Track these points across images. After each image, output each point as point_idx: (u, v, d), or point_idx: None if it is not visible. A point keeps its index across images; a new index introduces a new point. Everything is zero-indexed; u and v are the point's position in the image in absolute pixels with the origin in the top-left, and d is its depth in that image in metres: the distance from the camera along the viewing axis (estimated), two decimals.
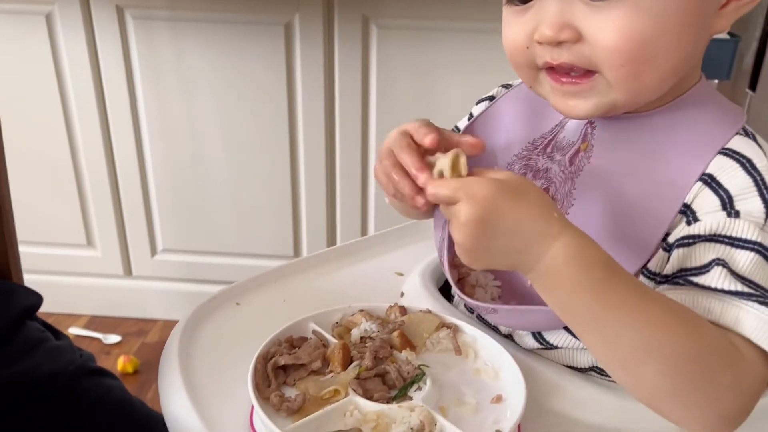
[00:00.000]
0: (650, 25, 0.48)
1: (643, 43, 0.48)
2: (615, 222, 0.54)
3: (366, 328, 0.59)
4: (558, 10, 0.50)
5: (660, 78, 0.51)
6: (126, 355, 1.74)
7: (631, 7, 0.47)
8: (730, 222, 0.48)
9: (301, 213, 1.80)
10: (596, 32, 0.49)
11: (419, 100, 1.63)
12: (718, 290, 0.47)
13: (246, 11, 1.56)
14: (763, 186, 0.50)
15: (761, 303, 0.46)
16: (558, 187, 0.59)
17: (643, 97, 0.53)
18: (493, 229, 0.46)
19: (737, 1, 0.51)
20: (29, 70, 1.64)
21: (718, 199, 0.50)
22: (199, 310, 0.66)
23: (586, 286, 0.45)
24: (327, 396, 0.52)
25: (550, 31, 0.50)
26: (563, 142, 0.61)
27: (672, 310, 0.46)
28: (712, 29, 0.52)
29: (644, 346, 0.45)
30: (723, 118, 0.54)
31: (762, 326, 0.45)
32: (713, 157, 0.51)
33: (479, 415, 0.52)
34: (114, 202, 1.79)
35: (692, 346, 0.44)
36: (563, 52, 0.51)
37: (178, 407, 0.54)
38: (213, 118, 1.68)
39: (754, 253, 0.47)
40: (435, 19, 1.54)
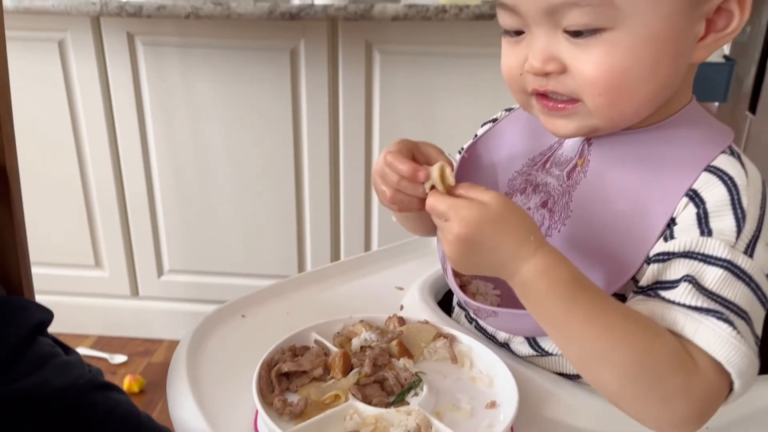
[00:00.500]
0: (626, 61, 0.52)
1: (618, 77, 0.52)
2: (608, 234, 0.57)
3: (366, 338, 0.62)
4: (545, 44, 0.54)
5: (636, 106, 0.55)
6: (132, 374, 1.76)
7: (608, 44, 0.51)
8: (703, 240, 0.52)
9: (305, 234, 1.83)
10: (578, 65, 0.53)
11: (420, 123, 1.67)
12: (683, 305, 0.51)
13: (253, 38, 1.61)
14: (738, 204, 0.52)
15: (719, 319, 0.49)
16: (556, 200, 0.62)
17: (621, 122, 0.57)
18: (476, 247, 0.52)
19: (716, 33, 0.54)
20: (42, 95, 1.69)
21: (695, 213, 0.53)
22: (206, 322, 0.69)
23: (552, 299, 0.51)
24: (328, 401, 0.55)
25: (538, 63, 0.55)
26: (561, 158, 0.64)
27: (632, 321, 0.50)
28: (691, 59, 0.55)
29: (601, 354, 0.50)
30: (711, 137, 0.57)
31: (717, 340, 0.49)
32: (700, 174, 0.55)
33: (474, 420, 0.55)
34: (122, 223, 1.83)
35: (644, 355, 0.49)
36: (549, 81, 0.55)
37: (186, 412, 0.57)
38: (220, 142, 1.72)
39: (723, 270, 0.51)
40: (435, 45, 1.58)
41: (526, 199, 0.65)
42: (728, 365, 0.49)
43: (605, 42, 0.52)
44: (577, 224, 0.60)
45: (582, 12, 0.51)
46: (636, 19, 0.51)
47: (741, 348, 0.49)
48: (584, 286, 0.51)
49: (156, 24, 1.60)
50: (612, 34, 0.51)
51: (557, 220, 0.61)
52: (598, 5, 0.50)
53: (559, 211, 0.61)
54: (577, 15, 0.51)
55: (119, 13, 1.42)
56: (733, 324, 0.49)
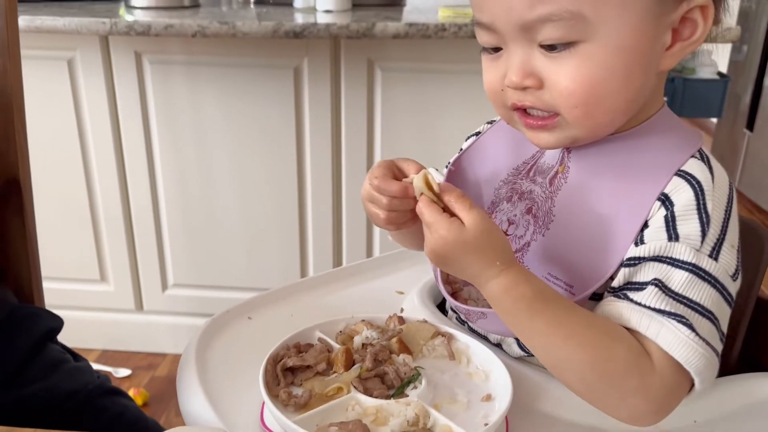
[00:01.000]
0: (599, 72, 0.55)
1: (592, 88, 0.55)
2: (588, 237, 0.60)
3: (367, 336, 0.64)
4: (522, 59, 0.57)
5: (612, 115, 0.58)
6: (136, 388, 1.78)
7: (581, 56, 0.54)
8: (671, 245, 0.55)
9: (308, 249, 1.85)
10: (554, 79, 0.56)
11: (421, 137, 1.70)
12: (648, 307, 0.55)
13: (257, 56, 1.65)
14: (703, 209, 0.56)
15: (680, 322, 0.53)
16: (539, 206, 0.65)
17: (599, 131, 0.60)
18: (447, 261, 0.58)
19: (682, 42, 0.57)
20: (50, 112, 1.73)
21: (663, 218, 0.56)
22: (213, 322, 0.71)
23: (515, 313, 0.56)
24: (331, 393, 0.58)
25: (517, 77, 0.57)
26: (544, 166, 0.68)
27: (593, 330, 0.55)
28: (660, 68, 0.58)
29: (563, 361, 0.56)
30: (682, 142, 0.60)
31: (677, 342, 0.53)
32: (671, 178, 0.58)
33: (470, 412, 0.57)
34: (127, 238, 1.86)
35: (602, 361, 0.54)
36: (528, 96, 0.58)
37: (195, 405, 0.59)
38: (224, 157, 1.76)
39: (689, 273, 0.54)
40: (435, 62, 1.63)
41: (512, 207, 0.68)
42: (687, 365, 0.53)
43: (579, 55, 0.54)
44: (559, 228, 0.63)
45: (555, 26, 0.53)
46: (606, 31, 0.53)
47: (699, 350, 0.53)
48: (547, 301, 0.55)
49: (163, 43, 1.64)
50: (585, 46, 0.54)
51: (541, 225, 0.64)
52: (570, 19, 0.53)
53: (542, 217, 0.64)
54: (551, 29, 0.54)
55: (128, 32, 1.46)
56: (693, 327, 0.53)
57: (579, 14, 0.53)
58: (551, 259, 0.62)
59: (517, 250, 0.65)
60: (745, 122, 3.19)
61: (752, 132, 3.14)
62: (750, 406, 0.65)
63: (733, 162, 3.32)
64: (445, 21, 1.48)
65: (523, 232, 0.66)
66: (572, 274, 0.60)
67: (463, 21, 1.48)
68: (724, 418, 0.63)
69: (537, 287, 0.56)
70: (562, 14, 0.53)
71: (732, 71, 3.24)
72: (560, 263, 0.62)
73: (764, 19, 3.05)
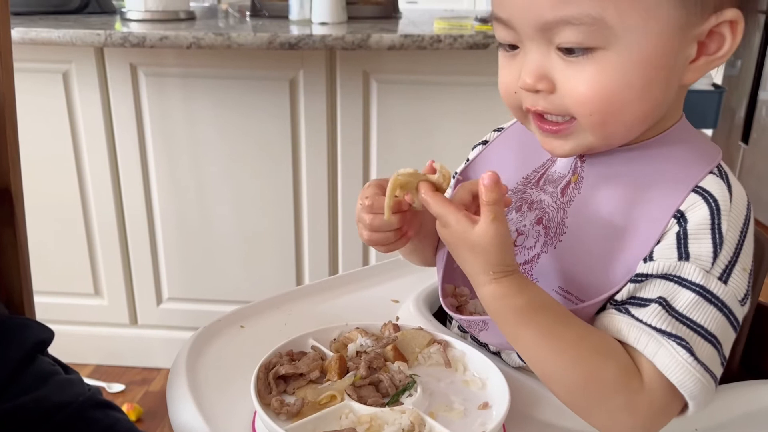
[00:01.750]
0: (616, 81, 0.53)
1: (608, 98, 0.53)
2: (602, 250, 0.58)
3: (362, 343, 0.63)
4: (537, 60, 0.55)
5: (628, 125, 0.56)
6: (129, 403, 1.76)
7: (600, 64, 0.52)
8: (680, 264, 0.53)
9: (304, 261, 1.84)
10: (568, 85, 0.54)
11: (417, 150, 1.70)
12: (649, 325, 0.53)
13: (253, 68, 1.65)
14: (717, 229, 0.54)
15: (679, 344, 0.52)
16: (551, 217, 0.63)
17: (615, 140, 0.58)
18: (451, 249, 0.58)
19: (707, 56, 0.54)
20: (45, 125, 1.72)
21: (675, 235, 0.54)
22: (205, 331, 0.70)
23: (502, 322, 0.56)
24: (324, 401, 0.56)
25: (530, 79, 0.55)
26: (555, 175, 0.66)
27: (584, 346, 0.54)
28: (682, 81, 0.55)
29: (549, 373, 0.56)
30: (700, 156, 0.58)
31: (674, 364, 0.52)
32: (687, 194, 0.55)
33: (466, 420, 0.56)
34: (122, 251, 1.84)
35: (590, 378, 0.53)
36: (540, 100, 0.57)
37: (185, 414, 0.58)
38: (220, 170, 1.75)
39: (696, 294, 0.53)
40: (431, 74, 1.63)
41: (521, 216, 0.66)
42: (682, 389, 0.52)
43: (597, 62, 0.52)
44: (572, 240, 0.61)
45: (575, 30, 0.51)
46: (628, 40, 0.51)
47: (695, 374, 0.52)
48: (537, 312, 0.54)
49: (158, 55, 1.64)
50: (604, 54, 0.52)
51: (553, 236, 0.62)
52: (591, 24, 0.51)
53: (554, 228, 0.62)
54: (570, 33, 0.52)
55: (123, 43, 1.46)
56: (692, 351, 0.52)
57: (601, 20, 0.51)
58: (562, 273, 0.61)
59: (525, 262, 0.64)
60: (740, 135, 3.21)
61: (747, 145, 3.15)
62: (751, 413, 0.64)
63: None
64: (440, 32, 1.48)
65: (533, 243, 0.64)
66: (584, 289, 0.59)
67: (458, 32, 1.48)
68: (725, 425, 0.62)
69: (527, 298, 0.55)
70: (584, 18, 0.51)
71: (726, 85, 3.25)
72: (572, 277, 0.60)
73: (757, 33, 3.07)
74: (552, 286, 0.61)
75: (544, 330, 0.54)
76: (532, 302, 0.55)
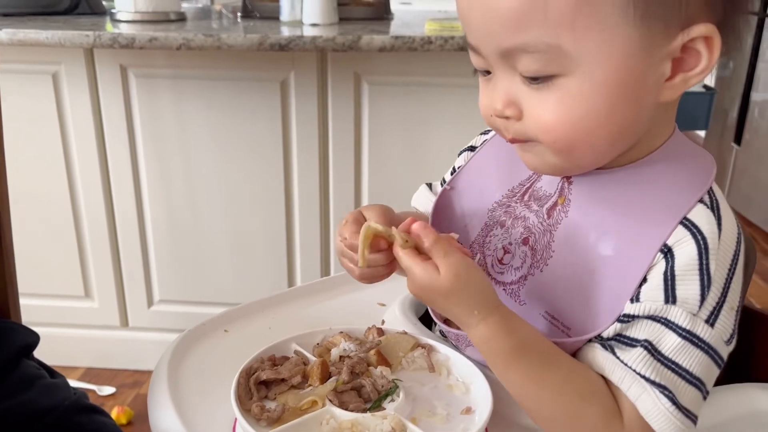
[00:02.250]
0: (579, 108, 0.51)
1: (572, 125, 0.52)
2: (589, 279, 0.57)
3: (345, 348, 0.63)
4: (506, 86, 0.54)
5: (596, 150, 0.55)
6: (120, 406, 1.75)
7: (561, 91, 0.51)
8: (667, 308, 0.53)
9: (296, 263, 1.84)
10: (534, 112, 0.53)
11: (409, 151, 1.69)
12: (634, 371, 0.53)
13: (244, 69, 1.64)
14: (705, 270, 0.52)
15: (662, 393, 0.52)
16: (537, 238, 0.62)
17: (584, 163, 0.57)
18: (428, 302, 0.58)
19: (684, 73, 0.52)
20: (35, 126, 1.71)
21: (663, 275, 0.53)
22: (188, 336, 0.70)
23: (491, 361, 0.56)
24: (305, 407, 0.56)
25: (500, 105, 0.55)
26: (540, 192, 0.64)
27: (567, 389, 0.54)
28: (659, 99, 0.53)
29: (534, 411, 0.57)
30: (690, 180, 0.56)
31: (656, 412, 0.52)
32: (675, 227, 0.54)
33: (449, 425, 0.56)
34: (112, 253, 1.84)
35: (573, 421, 0.55)
36: (510, 126, 0.56)
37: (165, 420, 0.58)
38: (211, 172, 1.74)
39: (682, 339, 0.52)
40: (422, 75, 1.62)
41: (506, 233, 0.65)
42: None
43: (559, 89, 0.52)
44: (558, 266, 0.60)
45: (532, 58, 0.51)
46: (588, 65, 0.50)
47: (675, 422, 0.52)
48: (524, 355, 0.55)
49: (148, 56, 1.63)
50: (566, 80, 0.51)
51: (539, 259, 0.61)
52: (547, 52, 0.50)
53: (541, 251, 0.61)
54: (529, 61, 0.51)
55: (112, 44, 1.45)
56: (675, 399, 0.52)
57: (557, 47, 0.50)
58: (549, 298, 0.60)
59: (513, 282, 0.63)
60: (732, 136, 3.21)
61: (740, 146, 3.16)
62: (739, 416, 0.64)
63: (721, 176, 3.33)
64: (431, 34, 1.48)
65: (520, 263, 0.63)
66: (569, 317, 0.58)
67: (449, 34, 1.48)
68: (712, 429, 0.62)
69: (515, 340, 0.55)
70: (540, 46, 0.50)
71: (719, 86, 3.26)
72: (558, 303, 0.59)
73: (750, 35, 3.07)
74: (539, 310, 0.60)
75: (530, 373, 0.55)
76: (521, 344, 0.55)
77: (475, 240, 0.68)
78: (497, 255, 0.65)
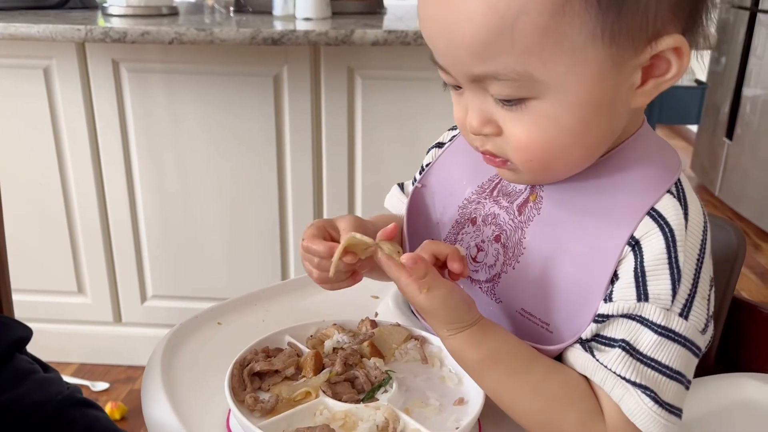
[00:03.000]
0: (553, 129, 0.52)
1: (545, 146, 0.53)
2: (560, 277, 0.58)
3: (338, 340, 0.63)
4: (479, 105, 0.54)
5: (570, 167, 0.56)
6: (114, 401, 1.74)
7: (534, 113, 0.52)
8: (640, 305, 0.53)
9: (289, 257, 1.84)
10: (510, 132, 0.54)
11: (402, 146, 1.69)
12: (615, 373, 0.53)
13: (237, 64, 1.64)
14: (674, 263, 0.52)
15: (645, 393, 0.52)
16: (509, 235, 0.62)
17: (559, 177, 0.58)
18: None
19: (656, 78, 0.52)
20: (26, 121, 1.70)
21: (633, 271, 0.53)
22: (181, 328, 0.70)
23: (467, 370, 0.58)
24: (299, 398, 0.56)
25: (476, 123, 0.55)
26: (509, 188, 0.64)
27: (542, 395, 0.55)
28: (631, 106, 0.54)
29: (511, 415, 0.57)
30: (657, 172, 0.56)
31: (639, 411, 0.53)
32: (641, 219, 0.54)
33: (442, 416, 0.56)
34: (105, 249, 1.83)
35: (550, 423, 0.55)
36: (487, 143, 0.56)
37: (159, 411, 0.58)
38: (204, 166, 1.74)
39: (658, 336, 0.52)
40: (415, 70, 1.62)
41: (477, 231, 0.65)
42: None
43: (532, 111, 0.52)
44: (530, 263, 0.60)
45: (503, 85, 0.50)
46: (559, 88, 0.50)
47: (660, 420, 0.52)
48: (497, 364, 0.56)
49: (141, 50, 1.62)
50: (538, 102, 0.51)
51: (511, 257, 0.61)
52: (517, 79, 0.50)
53: (512, 248, 0.61)
54: (499, 87, 0.51)
55: (104, 39, 1.45)
56: (657, 398, 0.52)
57: (527, 74, 0.49)
58: (524, 295, 0.60)
59: (487, 280, 0.63)
60: (724, 131, 3.23)
61: (731, 141, 3.17)
62: (728, 406, 0.64)
63: (713, 171, 3.34)
64: None
65: (493, 261, 0.63)
66: (546, 312, 0.58)
67: None
68: (701, 418, 0.63)
69: (487, 351, 0.55)
70: (510, 74, 0.50)
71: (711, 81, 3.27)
72: (533, 300, 0.59)
73: (741, 30, 3.09)
74: (515, 307, 0.60)
75: (503, 381, 0.56)
76: (490, 355, 0.56)
77: (446, 238, 0.68)
78: (471, 253, 0.65)
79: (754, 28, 3.01)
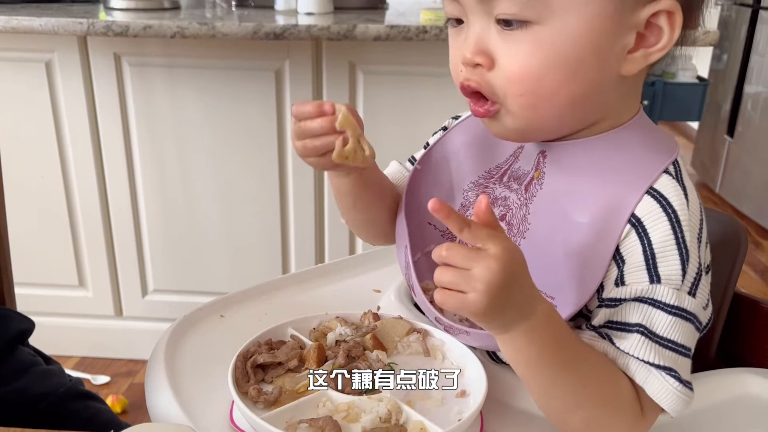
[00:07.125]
0: (548, 59, 0.53)
1: (539, 77, 0.54)
2: (564, 250, 0.58)
3: (341, 332, 0.63)
4: (478, 33, 0.55)
5: (557, 109, 0.56)
6: (114, 395, 1.75)
7: (534, 41, 0.53)
8: (653, 287, 0.54)
9: (290, 251, 1.84)
10: (504, 61, 0.54)
11: (404, 141, 1.69)
12: (636, 358, 0.54)
13: (238, 58, 1.64)
14: (682, 243, 0.54)
15: (668, 374, 0.53)
16: (514, 213, 0.63)
17: (544, 126, 0.58)
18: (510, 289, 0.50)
19: (645, 48, 0.54)
20: (28, 115, 1.70)
21: (642, 254, 0.54)
22: (185, 321, 0.70)
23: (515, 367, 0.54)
24: (302, 390, 0.56)
25: (469, 53, 0.56)
26: (519, 172, 0.65)
27: (602, 369, 0.54)
28: (619, 71, 0.55)
29: (575, 404, 0.54)
30: (655, 153, 0.58)
31: (664, 393, 0.53)
32: (641, 197, 0.55)
33: (444, 408, 0.56)
34: (106, 242, 1.83)
35: (609, 403, 0.55)
36: (475, 76, 0.56)
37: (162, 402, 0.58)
38: (205, 161, 1.74)
39: (673, 316, 0.53)
40: (416, 65, 1.62)
41: None
42: (671, 411, 0.54)
43: (532, 38, 0.53)
44: (535, 237, 0.60)
45: (511, 2, 0.52)
46: (562, 16, 0.52)
47: (683, 398, 0.54)
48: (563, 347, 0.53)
49: (143, 44, 1.62)
50: (539, 29, 0.53)
51: (516, 233, 0.62)
52: None
53: (517, 225, 0.62)
54: (507, 4, 0.52)
55: (106, 32, 1.45)
56: (680, 377, 0.53)
57: None
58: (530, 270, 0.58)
59: None
60: (725, 129, 3.22)
61: (732, 138, 3.17)
62: (729, 400, 0.65)
63: (713, 168, 3.34)
64: (426, 23, 1.48)
65: None
66: (551, 286, 0.58)
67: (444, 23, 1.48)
68: (702, 413, 0.63)
69: (541, 348, 0.52)
70: None
71: (712, 79, 3.27)
72: (538, 274, 0.57)
73: (743, 27, 3.08)
74: None
75: (572, 360, 0.54)
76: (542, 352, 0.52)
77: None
78: None
79: (755, 25, 3.00)
